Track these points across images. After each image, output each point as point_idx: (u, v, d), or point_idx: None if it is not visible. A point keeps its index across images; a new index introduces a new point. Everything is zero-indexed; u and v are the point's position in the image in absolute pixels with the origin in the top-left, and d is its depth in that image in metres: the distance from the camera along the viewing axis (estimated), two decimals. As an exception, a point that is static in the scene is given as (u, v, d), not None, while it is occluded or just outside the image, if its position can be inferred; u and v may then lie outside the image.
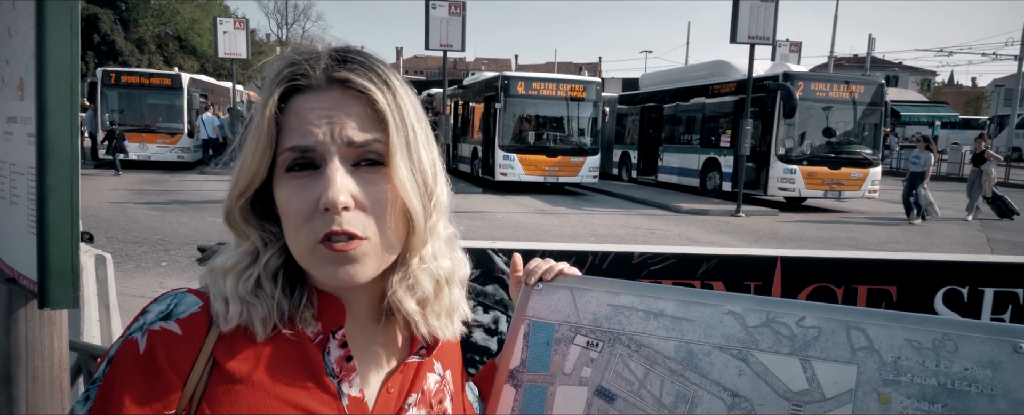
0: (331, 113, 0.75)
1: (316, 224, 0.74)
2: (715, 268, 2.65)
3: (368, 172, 0.76)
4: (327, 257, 0.75)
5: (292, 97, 0.76)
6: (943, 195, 14.50)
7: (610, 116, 20.83)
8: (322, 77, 0.76)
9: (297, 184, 0.75)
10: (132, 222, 10.42)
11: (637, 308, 1.00)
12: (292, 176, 0.76)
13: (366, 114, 0.76)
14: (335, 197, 0.72)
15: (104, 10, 34.96)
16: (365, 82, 0.76)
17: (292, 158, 0.75)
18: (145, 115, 19.88)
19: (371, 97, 0.76)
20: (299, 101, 0.76)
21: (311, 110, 0.75)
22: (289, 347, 0.78)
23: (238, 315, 0.76)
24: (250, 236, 0.80)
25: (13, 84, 1.46)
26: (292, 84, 0.76)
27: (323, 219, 0.74)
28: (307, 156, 0.75)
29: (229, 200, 0.80)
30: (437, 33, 16.31)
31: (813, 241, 10.83)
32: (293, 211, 0.75)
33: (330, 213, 0.73)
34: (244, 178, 0.77)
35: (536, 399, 0.99)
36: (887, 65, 55.11)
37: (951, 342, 0.86)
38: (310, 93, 0.76)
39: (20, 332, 1.50)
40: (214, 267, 0.80)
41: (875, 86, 15.31)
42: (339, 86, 0.76)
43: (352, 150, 0.75)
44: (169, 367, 0.74)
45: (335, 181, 0.73)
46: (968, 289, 2.70)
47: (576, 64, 62.98)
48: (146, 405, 0.73)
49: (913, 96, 38.73)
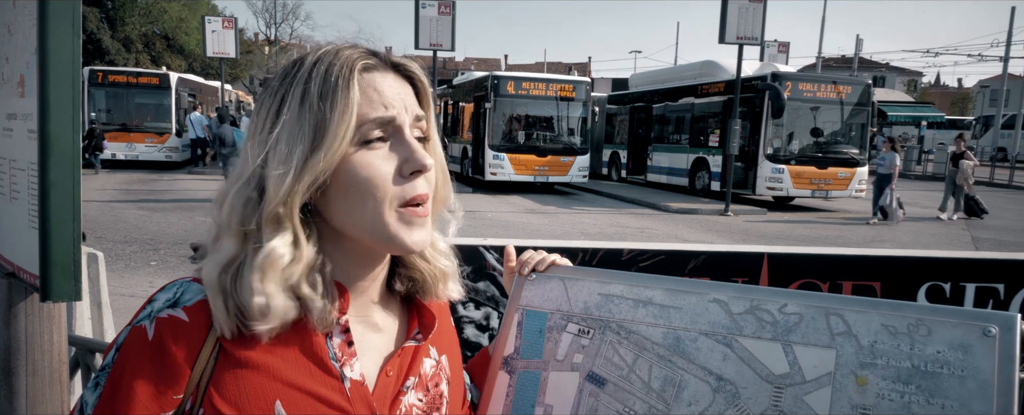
0: (399, 90, 0.83)
1: (397, 191, 0.80)
2: (703, 264, 2.70)
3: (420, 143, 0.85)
4: (409, 221, 0.82)
5: (364, 73, 0.81)
6: (930, 195, 14.64)
7: (600, 116, 20.90)
8: (384, 60, 0.84)
9: (375, 155, 0.80)
10: (121, 222, 10.38)
11: (626, 297, 1.04)
12: (367, 149, 0.80)
13: (414, 97, 0.86)
14: (424, 160, 0.81)
15: (90, 9, 34.68)
16: (414, 68, 0.87)
17: (373, 130, 0.80)
18: (133, 114, 19.77)
19: (419, 81, 0.87)
20: (372, 78, 0.81)
21: (387, 85, 0.82)
22: (293, 332, 0.81)
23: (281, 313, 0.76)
24: (290, 227, 0.78)
25: (13, 81, 1.48)
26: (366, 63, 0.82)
27: (406, 185, 0.81)
28: (386, 128, 0.81)
29: (288, 193, 0.76)
30: (427, 32, 16.32)
31: (800, 239, 10.93)
32: (373, 179, 0.79)
33: (414, 178, 0.81)
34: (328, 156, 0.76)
35: (530, 384, 1.03)
36: (874, 66, 55.52)
37: (925, 327, 0.91)
38: (380, 71, 0.83)
39: (20, 326, 1.52)
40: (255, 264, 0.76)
41: (862, 86, 15.46)
42: (394, 71, 0.85)
43: (414, 123, 0.84)
44: (177, 353, 0.76)
45: (418, 147, 0.82)
46: (950, 284, 2.76)
47: (566, 64, 63.06)
48: (154, 390, 0.76)
49: (900, 96, 39.03)
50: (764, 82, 14.50)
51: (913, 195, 19.01)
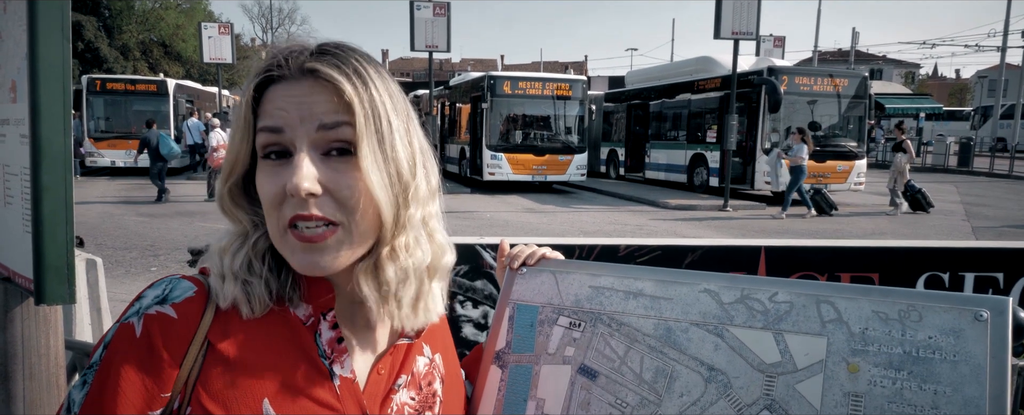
0: (300, 100, 0.77)
1: (285, 209, 0.77)
2: (700, 259, 2.70)
3: (338, 161, 0.77)
4: (294, 245, 0.78)
5: (268, 88, 0.80)
6: (928, 186, 14.63)
7: (597, 114, 20.91)
8: (295, 68, 0.78)
9: (271, 171, 0.78)
10: (120, 228, 10.38)
11: (617, 289, 1.04)
12: (268, 163, 0.79)
13: (334, 103, 0.77)
14: (300, 183, 0.74)
15: (88, 17, 34.68)
16: (333, 72, 0.77)
17: (265, 142, 0.78)
18: (131, 121, 19.78)
19: (338, 87, 0.77)
20: (273, 90, 0.79)
21: (282, 96, 0.78)
22: (281, 329, 0.81)
23: (232, 292, 0.80)
24: (240, 219, 0.84)
25: (5, 87, 1.48)
26: (268, 75, 0.80)
27: (291, 204, 0.76)
28: (279, 142, 0.77)
29: (219, 185, 0.85)
30: (422, 34, 16.33)
31: (800, 234, 10.92)
32: (265, 196, 0.79)
33: (296, 199, 0.75)
34: (228, 162, 0.82)
35: (522, 378, 1.03)
36: (871, 58, 55.53)
37: (916, 312, 0.91)
38: (283, 83, 0.79)
39: (16, 330, 1.52)
40: (212, 248, 0.85)
41: (859, 79, 15.46)
42: (310, 76, 0.78)
43: (321, 135, 0.76)
44: (165, 350, 0.76)
45: (301, 167, 0.75)
46: (949, 274, 2.77)
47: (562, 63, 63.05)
48: (142, 387, 0.75)
49: (897, 89, 39.05)
50: (760, 76, 14.51)
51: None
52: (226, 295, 0.80)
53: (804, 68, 18.30)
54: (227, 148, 0.84)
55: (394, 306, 0.84)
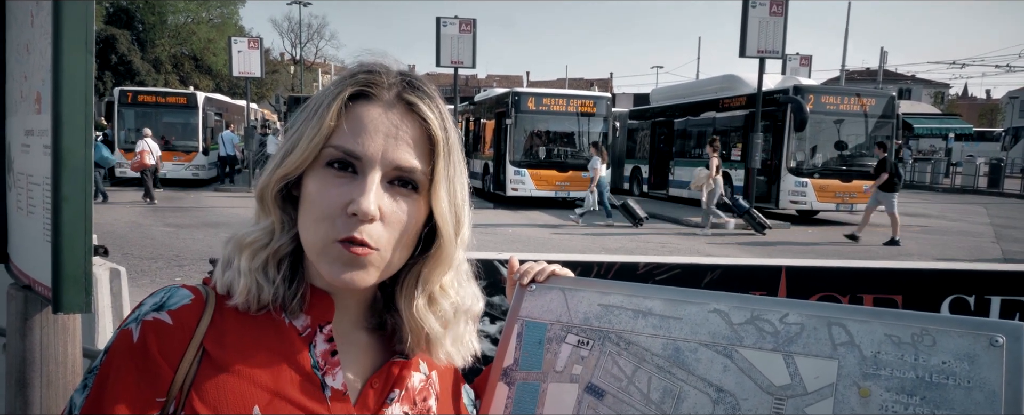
0: (391, 129, 0.80)
1: (339, 224, 0.78)
2: (720, 278, 2.66)
3: (400, 193, 0.81)
4: (338, 256, 0.79)
5: (358, 100, 0.80)
6: (956, 207, 14.36)
7: (621, 131, 20.88)
8: (392, 93, 0.81)
9: (334, 181, 0.79)
10: (147, 238, 10.54)
11: (626, 307, 1.03)
12: (331, 172, 0.80)
13: (420, 141, 0.81)
14: (368, 207, 0.77)
15: (122, 31, 35.53)
16: (429, 112, 0.81)
17: (336, 156, 0.79)
18: (161, 133, 20.17)
19: (430, 127, 0.81)
20: (365, 108, 0.80)
21: (372, 120, 0.80)
22: (277, 338, 0.82)
23: (246, 291, 0.81)
24: (272, 216, 0.84)
25: (31, 99, 1.52)
26: (363, 89, 0.81)
27: (347, 222, 0.78)
28: (351, 160, 0.79)
29: (267, 177, 0.83)
30: (448, 50, 16.47)
31: (825, 254, 10.77)
32: (321, 205, 0.79)
33: (356, 219, 0.77)
34: (292, 163, 0.81)
35: (528, 396, 1.02)
36: (900, 78, 54.87)
37: (929, 336, 0.89)
38: (377, 103, 0.81)
39: (35, 338, 1.54)
40: (235, 238, 0.84)
41: (886, 98, 15.29)
42: (404, 106, 0.81)
43: (395, 170, 0.80)
44: (160, 356, 0.77)
45: (371, 192, 0.77)
46: (974, 297, 2.70)
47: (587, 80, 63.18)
48: (138, 392, 0.77)
49: (926, 109, 38.53)
50: (786, 95, 14.40)
51: (940, 207, 18.70)
52: (238, 292, 0.81)
53: (831, 87, 18.16)
54: (292, 144, 0.82)
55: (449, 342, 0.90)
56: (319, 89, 0.87)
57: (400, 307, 0.89)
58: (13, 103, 1.68)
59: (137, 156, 16.10)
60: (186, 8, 39.94)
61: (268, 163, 0.84)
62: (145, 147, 16.23)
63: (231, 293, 0.82)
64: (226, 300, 0.83)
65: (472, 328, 0.95)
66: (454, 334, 0.90)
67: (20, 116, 1.60)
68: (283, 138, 0.85)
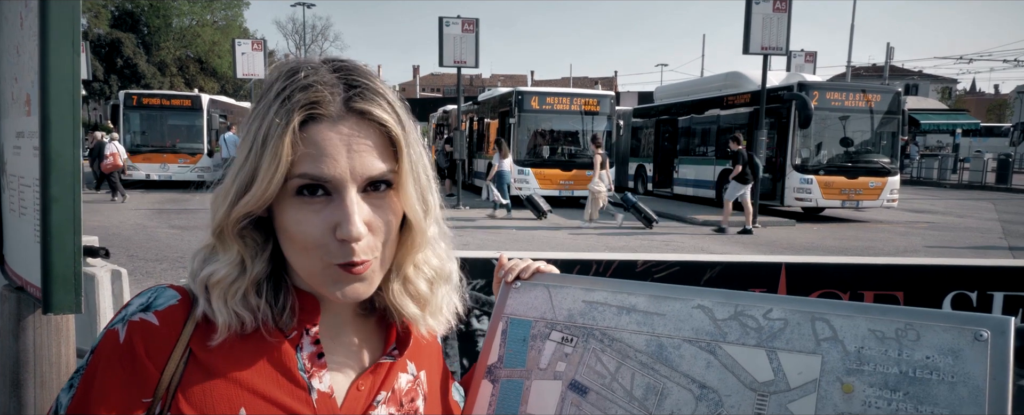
0: (350, 143, 0.77)
1: (332, 249, 0.77)
2: (719, 275, 2.65)
3: (375, 197, 0.79)
4: (339, 277, 0.79)
5: (307, 124, 0.76)
6: (963, 203, 14.29)
7: (625, 129, 20.84)
8: (340, 106, 0.77)
9: (309, 209, 0.77)
10: (152, 240, 10.58)
11: (610, 304, 1.03)
12: (303, 201, 0.77)
13: (381, 143, 0.79)
14: (357, 231, 0.75)
15: (127, 34, 35.66)
16: (383, 114, 0.78)
17: (304, 183, 0.76)
18: (166, 136, 20.24)
19: (387, 128, 0.78)
20: (317, 129, 0.76)
21: (330, 140, 0.76)
22: (263, 341, 0.82)
23: (227, 328, 0.79)
24: (235, 247, 0.81)
25: (21, 100, 1.52)
26: (310, 113, 0.76)
27: (341, 248, 0.77)
28: (321, 184, 0.77)
29: (224, 217, 0.79)
30: (451, 50, 16.47)
31: (830, 251, 10.73)
32: (306, 235, 0.77)
33: (347, 243, 0.76)
34: (253, 200, 0.77)
35: (512, 394, 1.02)
36: (906, 74, 54.63)
37: (913, 331, 0.88)
38: (327, 122, 0.76)
39: (28, 339, 1.55)
40: (198, 279, 0.81)
41: (892, 94, 15.21)
42: (355, 115, 0.77)
43: (365, 181, 0.78)
44: (146, 357, 0.77)
45: (354, 214, 0.76)
46: (977, 293, 2.68)
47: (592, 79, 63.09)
48: (124, 392, 0.77)
49: (933, 104, 38.31)
50: (790, 92, 14.35)
51: (947, 203, 18.60)
52: (219, 331, 0.79)
53: (836, 83, 18.07)
54: (247, 178, 0.77)
55: (430, 316, 0.91)
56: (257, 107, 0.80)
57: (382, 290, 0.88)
58: (5, 106, 1.69)
59: (108, 158, 16.81)
60: (191, 11, 40.09)
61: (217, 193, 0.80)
62: (115, 149, 16.95)
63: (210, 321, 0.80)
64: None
65: (448, 290, 0.94)
66: (432, 307, 0.91)
67: (12, 118, 1.61)
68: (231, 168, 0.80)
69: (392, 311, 0.90)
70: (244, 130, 0.81)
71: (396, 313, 0.89)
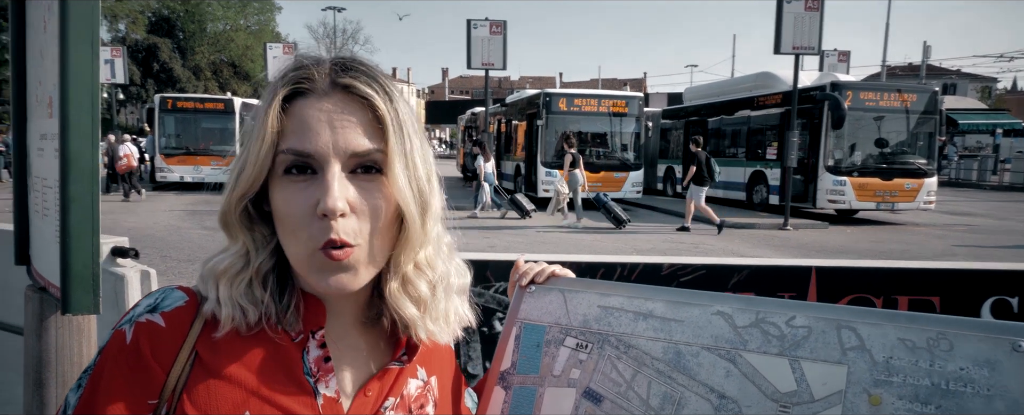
0: (333, 118, 0.76)
1: (314, 230, 0.75)
2: (747, 279, 2.59)
3: (364, 179, 0.77)
4: (323, 265, 0.76)
5: (295, 100, 0.77)
6: (1004, 206, 13.90)
7: (654, 131, 20.67)
8: (326, 82, 0.77)
9: (295, 188, 0.76)
10: (185, 241, 10.75)
11: (626, 309, 1.00)
12: (290, 179, 0.77)
13: (367, 121, 0.77)
14: (334, 204, 0.73)
15: (163, 40, 36.43)
16: (368, 89, 0.77)
17: (290, 160, 0.76)
18: (199, 138, 20.58)
19: (373, 104, 0.77)
20: (301, 105, 0.77)
21: (313, 114, 0.76)
22: (269, 344, 0.80)
23: (230, 320, 0.79)
24: (242, 238, 0.81)
25: (44, 103, 1.54)
26: (296, 87, 0.77)
27: (321, 226, 0.75)
28: (306, 160, 0.76)
29: (227, 202, 0.80)
30: (479, 52, 16.52)
31: (863, 254, 10.51)
32: (290, 214, 0.76)
33: (327, 219, 0.74)
34: (245, 180, 0.78)
35: (525, 401, 0.99)
36: (944, 73, 53.41)
37: (946, 341, 0.83)
38: (313, 97, 0.77)
39: (50, 338, 1.56)
40: (206, 268, 0.82)
41: (928, 94, 14.87)
42: (342, 91, 0.77)
43: (352, 158, 0.76)
44: (152, 358, 0.76)
45: (334, 187, 0.74)
46: (1018, 299, 2.58)
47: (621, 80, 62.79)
48: (130, 393, 0.76)
49: (972, 104, 37.42)
50: (823, 92, 14.10)
51: (987, 206, 18.11)
52: (223, 324, 0.79)
53: (870, 83, 17.74)
54: (243, 161, 0.78)
55: (430, 321, 0.86)
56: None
57: (382, 292, 0.85)
58: (31, 108, 1.71)
59: (123, 159, 17.00)
60: (225, 16, 40.80)
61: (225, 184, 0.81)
62: (128, 151, 17.11)
63: (217, 319, 0.80)
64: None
65: (459, 301, 0.91)
66: (433, 312, 0.86)
67: (36, 121, 1.63)
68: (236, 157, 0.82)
69: (390, 311, 0.86)
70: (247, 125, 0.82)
71: (396, 315, 0.85)
